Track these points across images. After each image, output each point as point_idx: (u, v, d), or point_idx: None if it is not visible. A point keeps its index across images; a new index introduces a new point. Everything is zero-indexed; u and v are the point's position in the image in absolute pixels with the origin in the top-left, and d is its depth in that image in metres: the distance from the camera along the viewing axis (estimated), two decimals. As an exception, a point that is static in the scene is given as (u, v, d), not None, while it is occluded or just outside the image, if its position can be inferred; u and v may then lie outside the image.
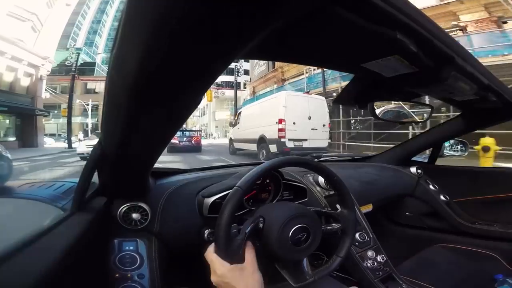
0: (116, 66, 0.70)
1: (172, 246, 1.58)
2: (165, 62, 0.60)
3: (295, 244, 1.30)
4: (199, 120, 78.55)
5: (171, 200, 1.60)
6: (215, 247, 1.23)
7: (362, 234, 2.08)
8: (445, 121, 2.74)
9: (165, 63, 0.60)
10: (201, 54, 0.61)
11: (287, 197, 1.81)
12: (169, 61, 0.60)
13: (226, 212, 1.21)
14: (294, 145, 13.94)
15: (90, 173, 1.27)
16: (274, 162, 1.42)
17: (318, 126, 14.59)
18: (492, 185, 2.64)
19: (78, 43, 60.59)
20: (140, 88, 0.68)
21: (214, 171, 2.11)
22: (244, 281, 1.17)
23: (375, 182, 2.65)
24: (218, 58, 0.63)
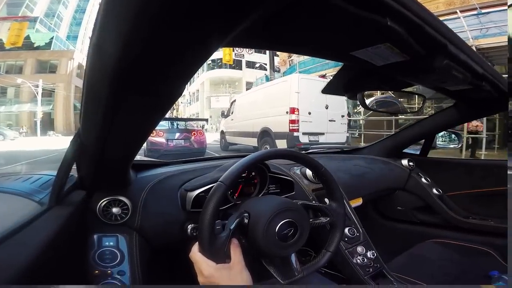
0: (96, 55, 0.70)
1: (154, 242, 1.57)
2: (146, 50, 0.61)
3: (282, 240, 1.30)
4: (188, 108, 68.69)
5: (153, 194, 1.60)
6: (199, 246, 1.24)
7: (352, 229, 2.09)
8: (438, 112, 2.75)
9: (146, 51, 0.61)
10: (183, 42, 0.62)
11: (273, 191, 1.82)
12: (150, 48, 0.61)
13: (209, 209, 1.21)
14: (309, 140, 12.29)
15: (68, 165, 1.27)
16: (260, 154, 1.43)
17: (336, 117, 13.00)
18: (486, 178, 2.66)
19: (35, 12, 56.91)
20: (120, 76, 0.69)
21: (198, 163, 2.10)
22: (233, 281, 1.18)
23: (365, 175, 2.66)
24: (200, 46, 0.64)
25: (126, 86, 0.73)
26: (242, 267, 1.22)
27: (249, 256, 1.30)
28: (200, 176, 1.73)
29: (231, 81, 51.36)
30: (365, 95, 1.73)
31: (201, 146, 14.43)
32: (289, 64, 28.03)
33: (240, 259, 1.24)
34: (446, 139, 3.20)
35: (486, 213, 2.63)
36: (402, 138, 3.05)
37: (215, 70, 52.29)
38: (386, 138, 3.21)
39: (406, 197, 2.94)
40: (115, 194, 1.48)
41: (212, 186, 1.29)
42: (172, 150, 13.43)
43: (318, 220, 1.54)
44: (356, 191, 2.49)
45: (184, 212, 1.59)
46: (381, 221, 3.16)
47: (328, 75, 17.81)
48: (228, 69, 48.88)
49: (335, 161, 2.69)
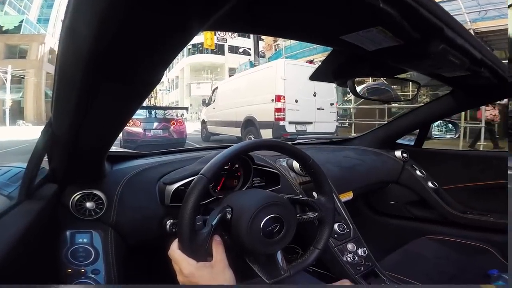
0: (69, 38, 0.70)
1: (131, 238, 1.57)
2: (122, 33, 0.61)
3: (268, 236, 1.31)
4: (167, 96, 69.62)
5: (129, 187, 1.59)
6: (179, 243, 1.23)
7: (342, 225, 2.10)
8: (433, 100, 2.76)
9: (123, 33, 0.61)
10: (162, 24, 0.61)
11: (258, 184, 1.83)
12: (126, 31, 0.60)
13: (189, 204, 1.21)
14: (296, 130, 12.35)
15: (39, 157, 1.25)
16: (243, 145, 1.42)
17: (325, 106, 13.09)
18: (485, 170, 2.67)
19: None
20: (95, 61, 0.68)
21: (177, 155, 2.09)
22: (215, 280, 1.17)
23: (356, 167, 2.67)
24: (180, 29, 0.64)
25: (101, 72, 0.72)
26: (225, 266, 1.22)
27: (232, 254, 1.30)
28: (180, 169, 1.72)
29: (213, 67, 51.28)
30: (356, 82, 1.72)
31: (181, 137, 14.46)
32: (275, 49, 27.92)
33: (222, 257, 1.23)
34: (442, 129, 3.19)
35: (484, 207, 2.64)
36: (395, 128, 3.05)
37: (195, 56, 52.05)
38: (378, 128, 3.22)
39: (399, 190, 2.95)
40: (89, 188, 1.47)
41: (193, 179, 1.28)
42: (150, 140, 13.57)
43: (306, 215, 1.53)
44: (346, 184, 2.49)
45: (162, 207, 1.58)
46: (373, 217, 3.17)
47: (316, 60, 17.72)
48: (210, 54, 48.91)
49: (323, 153, 2.68)
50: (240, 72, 21.57)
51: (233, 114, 14.96)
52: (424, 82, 12.03)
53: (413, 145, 3.15)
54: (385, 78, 2.06)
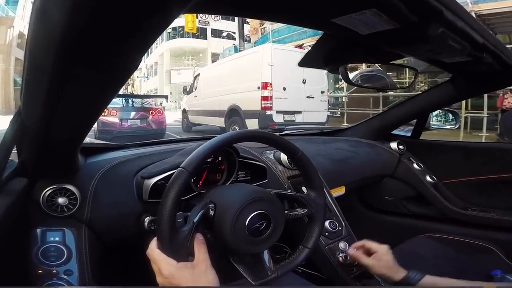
0: (39, 21, 0.68)
1: (106, 237, 1.56)
2: (96, 15, 0.60)
3: (253, 234, 1.31)
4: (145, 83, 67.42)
5: (105, 182, 1.57)
6: (158, 241, 1.22)
7: (333, 222, 2.10)
8: (432, 87, 2.75)
9: (97, 15, 0.60)
10: (139, 6, 0.61)
11: (243, 178, 1.83)
12: (101, 13, 0.60)
13: (169, 199, 1.20)
14: (284, 120, 12.35)
15: (7, 149, 1.24)
16: (227, 136, 1.41)
17: (315, 94, 13.05)
18: (487, 163, 2.67)
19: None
20: (68, 46, 0.67)
21: (156, 147, 2.08)
22: (196, 282, 1.17)
23: (349, 160, 2.67)
24: (159, 11, 0.63)
25: (74, 57, 0.71)
26: (207, 266, 1.22)
27: (215, 253, 1.30)
28: (159, 162, 1.70)
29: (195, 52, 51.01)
30: (348, 68, 1.72)
31: (160, 127, 14.32)
32: (261, 33, 27.93)
33: (204, 257, 1.23)
34: (441, 119, 3.20)
35: (487, 203, 2.64)
36: (391, 118, 3.05)
37: (176, 40, 51.60)
38: (372, 118, 3.21)
39: (395, 185, 2.95)
40: (61, 182, 1.45)
41: (173, 173, 1.28)
42: (127, 131, 13.31)
43: (295, 211, 1.54)
44: (338, 178, 2.49)
45: (140, 203, 1.57)
46: (366, 213, 3.18)
47: (306, 45, 17.71)
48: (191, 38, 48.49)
49: (314, 144, 2.68)
50: (224, 57, 21.21)
51: (216, 103, 14.93)
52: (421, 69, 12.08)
53: (410, 136, 3.14)
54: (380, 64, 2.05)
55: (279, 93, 12.07)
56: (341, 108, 19.91)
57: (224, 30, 44.85)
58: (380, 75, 2.40)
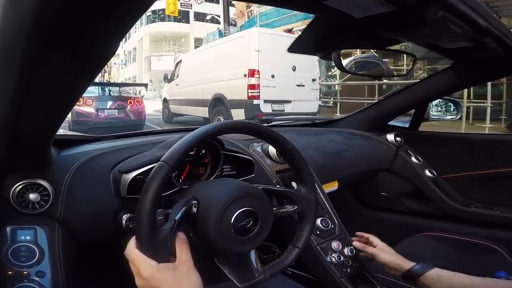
0: (9, 2, 0.68)
1: (81, 236, 1.55)
2: None
3: (239, 233, 1.30)
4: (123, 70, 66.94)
5: (80, 176, 1.56)
6: (137, 241, 1.21)
7: (325, 220, 2.10)
8: (431, 75, 2.75)
9: None
10: None
11: (228, 173, 1.82)
12: None
13: (148, 195, 1.19)
14: (273, 110, 12.35)
15: None
16: (211, 127, 1.40)
17: (306, 82, 13.06)
18: (491, 156, 2.67)
19: None
20: (40, 29, 0.66)
21: (135, 139, 2.06)
22: (178, 284, 1.17)
23: (342, 153, 2.66)
24: None
25: (47, 41, 0.71)
26: (190, 267, 1.22)
27: (198, 254, 1.30)
28: (138, 155, 1.69)
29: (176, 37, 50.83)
30: (342, 54, 1.72)
31: (139, 118, 14.48)
32: (248, 16, 27.81)
33: (187, 258, 1.23)
34: (441, 109, 3.19)
35: (491, 200, 2.64)
36: (387, 108, 3.04)
37: (156, 24, 51.14)
38: (367, 108, 3.21)
39: (392, 180, 2.96)
40: (33, 177, 1.43)
41: (153, 167, 1.27)
42: (103, 122, 13.60)
43: (284, 208, 1.53)
44: (331, 173, 2.49)
45: (118, 199, 1.56)
46: (361, 210, 3.19)
47: (296, 29, 17.56)
48: (173, 22, 47.91)
49: (304, 136, 2.67)
50: (208, 43, 21.33)
51: (199, 91, 14.91)
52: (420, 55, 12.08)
53: (408, 127, 3.14)
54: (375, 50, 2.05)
55: (267, 81, 12.06)
56: (333, 97, 19.89)
57: (208, 13, 44.71)
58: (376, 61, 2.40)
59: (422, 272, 1.66)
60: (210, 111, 14.15)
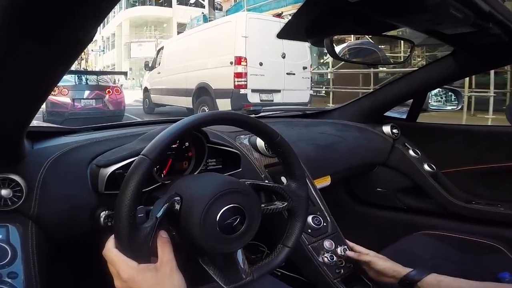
0: None
1: (56, 234, 1.53)
2: None
3: (225, 231, 1.30)
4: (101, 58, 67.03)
5: (55, 171, 1.54)
6: (116, 240, 1.21)
7: (317, 217, 2.10)
8: (430, 63, 2.74)
9: None
10: None
11: (213, 167, 1.82)
12: None
13: (128, 191, 1.18)
14: (261, 100, 12.41)
15: None
16: (195, 119, 1.39)
17: (297, 70, 13.07)
18: (494, 150, 2.67)
19: None
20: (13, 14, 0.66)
21: (114, 131, 2.04)
22: (160, 286, 1.17)
23: (335, 146, 2.66)
24: None
25: (20, 27, 0.70)
26: (172, 268, 1.22)
27: (181, 254, 1.30)
28: (117, 148, 1.68)
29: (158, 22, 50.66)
30: (335, 40, 1.71)
31: (118, 108, 14.50)
32: (234, 0, 27.76)
33: (169, 258, 1.23)
34: (441, 99, 3.20)
35: (494, 196, 2.64)
36: (383, 98, 3.03)
37: (136, 8, 51.06)
38: (362, 98, 3.20)
39: (388, 175, 2.96)
40: (4, 171, 1.42)
41: (133, 161, 1.26)
42: (80, 113, 13.54)
43: (273, 205, 1.54)
44: (323, 167, 2.49)
45: (95, 195, 1.55)
46: (355, 207, 3.19)
47: (286, 14, 17.71)
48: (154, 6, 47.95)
49: (295, 128, 2.67)
50: (192, 28, 21.29)
51: (182, 80, 14.90)
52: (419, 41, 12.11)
53: (405, 118, 3.14)
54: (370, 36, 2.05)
55: (255, 69, 12.07)
56: (326, 86, 19.94)
57: (192, -3, 44.69)
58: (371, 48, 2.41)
59: (419, 278, 1.66)
60: (194, 101, 14.15)
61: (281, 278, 2.03)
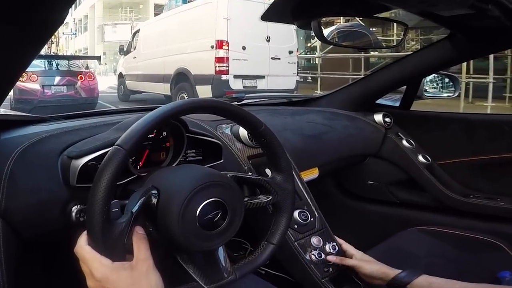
0: None
1: (25, 230, 1.51)
2: None
3: (206, 227, 1.29)
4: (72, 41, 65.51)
5: (23, 162, 1.52)
6: (89, 236, 1.19)
7: (304, 212, 2.08)
8: (425, 47, 2.75)
9: None
10: None
11: (193, 158, 1.82)
12: None
13: (102, 184, 1.16)
14: (244, 86, 12.46)
15: None
16: (173, 106, 1.38)
17: (282, 54, 13.12)
18: (494, 140, 2.68)
19: None
20: None
21: (86, 119, 2.02)
22: (136, 286, 1.16)
23: (323, 135, 2.66)
24: None
25: None
26: (149, 267, 1.21)
27: (159, 251, 1.30)
28: (90, 138, 1.66)
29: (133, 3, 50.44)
30: (323, 23, 1.71)
31: (91, 95, 14.46)
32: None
33: (146, 256, 1.22)
34: (437, 85, 3.20)
35: (493, 189, 2.65)
36: (375, 84, 3.02)
37: (110, -12, 50.26)
38: (352, 84, 3.21)
39: (380, 167, 2.97)
40: None
41: (107, 152, 1.24)
42: (50, 100, 13.35)
43: (256, 199, 1.53)
44: (311, 158, 2.49)
45: (67, 188, 1.53)
46: (345, 201, 3.19)
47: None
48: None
49: (280, 116, 2.66)
50: (170, 9, 21.33)
51: (160, 65, 14.87)
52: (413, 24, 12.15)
53: (398, 106, 3.14)
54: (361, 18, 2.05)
55: (237, 53, 12.08)
56: (313, 72, 19.93)
57: (170, -25, 44.52)
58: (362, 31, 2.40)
59: (409, 280, 1.66)
60: (172, 88, 14.14)
61: (265, 277, 2.04)
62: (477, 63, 14.14)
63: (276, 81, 12.92)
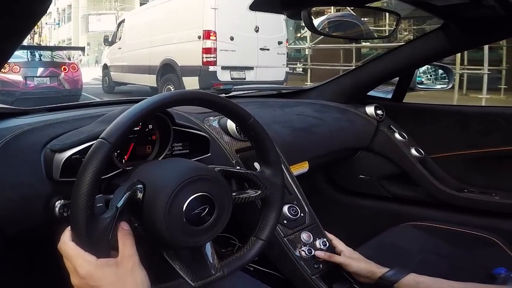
0: None
1: (7, 227, 1.49)
2: None
3: (193, 223, 1.29)
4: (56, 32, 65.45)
5: (4, 156, 1.51)
6: (73, 232, 1.19)
7: (293, 207, 2.08)
8: (418, 37, 2.75)
9: None
10: None
11: (179, 152, 1.80)
12: None
13: (86, 178, 1.15)
14: (232, 78, 12.44)
15: None
16: (160, 98, 1.38)
17: (271, 45, 13.12)
18: (488, 133, 2.68)
19: None
20: None
21: (70, 111, 2.01)
22: (121, 283, 1.16)
23: (313, 128, 2.65)
24: None
25: None
26: (135, 263, 1.21)
27: (145, 247, 1.30)
28: (74, 131, 1.64)
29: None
30: (313, 13, 1.70)
31: (75, 87, 14.39)
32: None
33: (131, 252, 1.22)
34: (430, 77, 3.20)
35: (488, 184, 2.66)
36: (366, 76, 3.01)
37: (95, -24, 50.03)
38: (343, 76, 3.20)
39: (372, 161, 2.97)
40: None
41: (91, 145, 1.24)
42: (33, 92, 13.37)
43: (245, 194, 1.54)
44: (300, 152, 2.49)
45: (50, 183, 1.52)
46: (336, 196, 3.19)
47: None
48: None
49: (269, 109, 2.66)
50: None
51: (146, 56, 14.86)
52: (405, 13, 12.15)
53: (390, 98, 3.15)
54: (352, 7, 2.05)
55: (225, 44, 12.10)
56: (303, 63, 19.93)
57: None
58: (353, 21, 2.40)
59: (396, 279, 1.66)
60: (159, 80, 14.13)
61: (254, 274, 2.05)
62: (471, 54, 14.17)
63: (265, 73, 12.93)
